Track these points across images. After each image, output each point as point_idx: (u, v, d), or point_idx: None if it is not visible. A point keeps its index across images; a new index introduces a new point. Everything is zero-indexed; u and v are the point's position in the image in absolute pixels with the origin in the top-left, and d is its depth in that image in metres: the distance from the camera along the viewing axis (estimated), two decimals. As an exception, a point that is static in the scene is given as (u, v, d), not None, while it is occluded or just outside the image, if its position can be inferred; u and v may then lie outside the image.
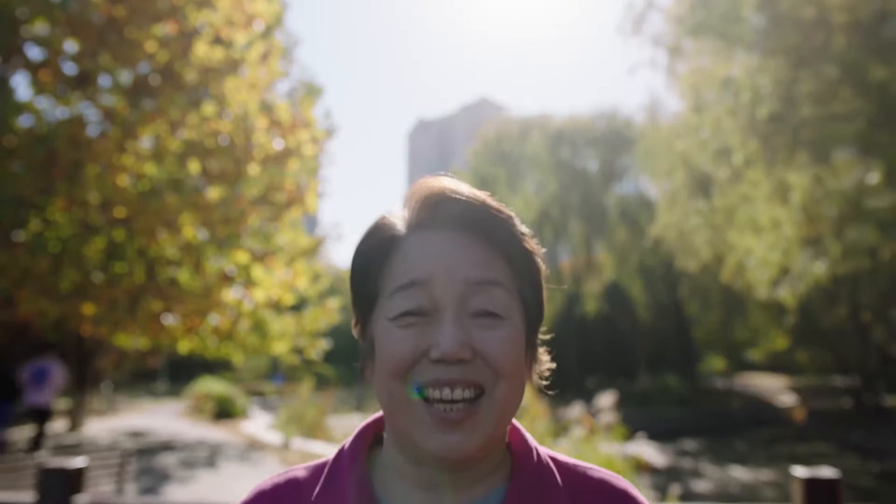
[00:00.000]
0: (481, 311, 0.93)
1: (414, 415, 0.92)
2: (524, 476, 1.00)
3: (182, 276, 14.25)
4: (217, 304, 14.12)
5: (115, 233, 13.46)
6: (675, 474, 15.51)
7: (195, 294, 13.87)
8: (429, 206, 0.97)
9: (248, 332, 15.95)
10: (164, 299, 13.72)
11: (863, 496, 14.26)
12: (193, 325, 14.32)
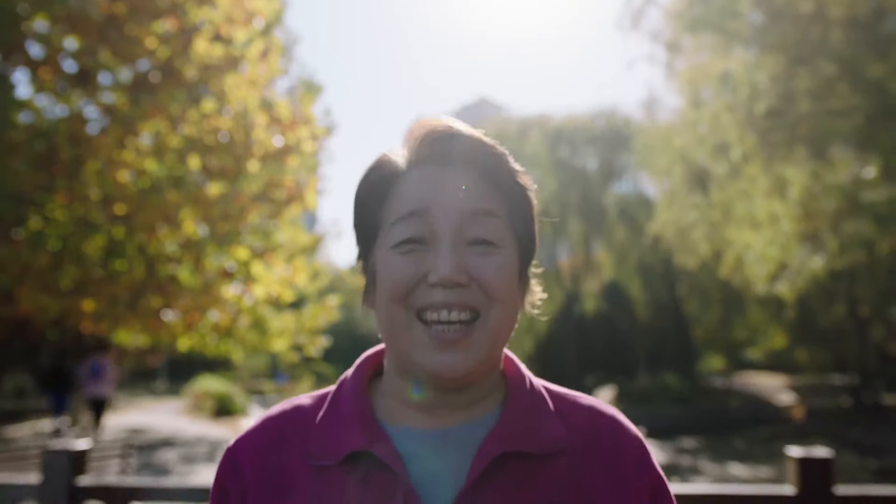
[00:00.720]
0: (477, 240, 0.99)
1: (413, 337, 0.98)
2: (517, 400, 1.05)
3: (182, 274, 14.29)
4: (217, 301, 14.16)
5: (115, 230, 13.50)
6: (674, 471, 15.59)
7: (195, 290, 13.91)
8: (427, 143, 1.02)
9: (247, 328, 15.99)
10: (164, 295, 13.76)
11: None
12: (193, 321, 14.36)
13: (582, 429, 1.05)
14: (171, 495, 3.78)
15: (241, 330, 15.86)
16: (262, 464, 1.04)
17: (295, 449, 1.03)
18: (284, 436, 1.05)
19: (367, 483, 0.98)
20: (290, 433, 1.05)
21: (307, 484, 1.00)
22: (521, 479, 0.98)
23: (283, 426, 1.07)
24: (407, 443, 1.01)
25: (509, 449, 0.98)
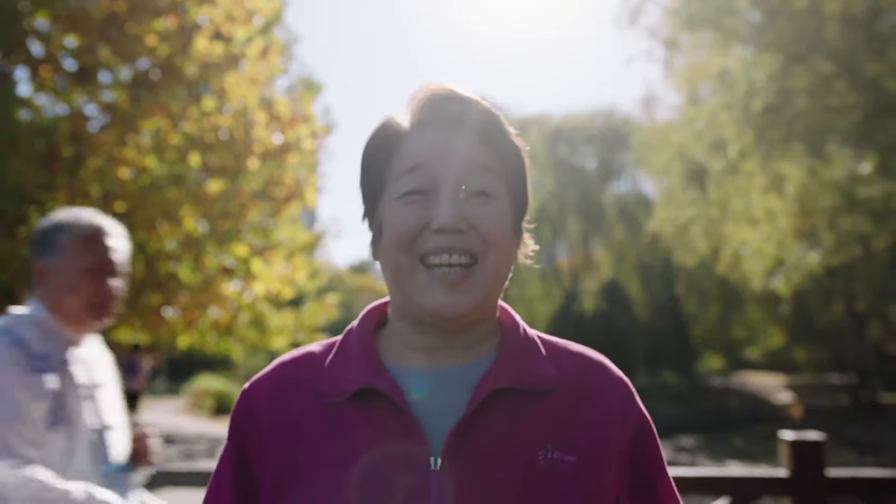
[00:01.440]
0: (475, 191, 1.09)
1: (417, 280, 1.08)
2: (512, 345, 1.15)
3: (182, 271, 14.34)
4: (217, 298, 14.20)
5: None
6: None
7: (195, 288, 13.96)
8: (429, 106, 1.13)
9: (247, 326, 16.04)
10: (164, 293, 13.81)
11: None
12: (194, 318, 14.40)
13: (571, 371, 1.14)
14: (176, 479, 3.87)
15: (241, 327, 15.90)
16: (276, 403, 1.13)
17: (306, 389, 1.13)
18: (297, 377, 1.15)
19: (372, 416, 1.07)
20: (301, 375, 1.15)
21: (318, 420, 1.10)
22: (514, 413, 1.08)
23: (295, 369, 1.16)
24: (409, 380, 1.11)
25: (503, 385, 1.08)
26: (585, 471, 1.07)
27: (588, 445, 1.09)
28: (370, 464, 1.05)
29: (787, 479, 3.57)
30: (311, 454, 1.08)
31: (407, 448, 1.05)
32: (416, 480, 1.04)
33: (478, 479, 1.04)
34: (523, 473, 1.05)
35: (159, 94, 12.41)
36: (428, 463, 1.04)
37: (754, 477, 3.68)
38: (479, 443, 1.06)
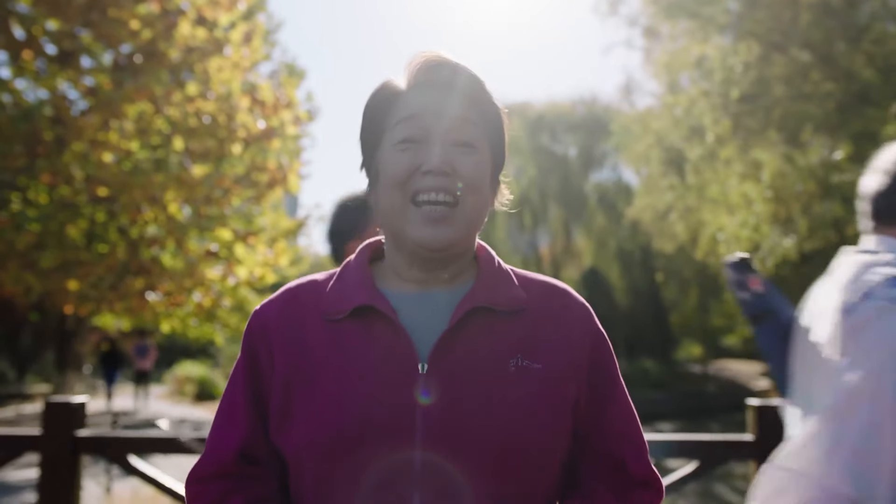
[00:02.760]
0: (459, 142, 1.27)
1: (408, 216, 1.25)
2: (487, 274, 1.34)
3: (164, 257, 14.38)
4: (200, 282, 14.26)
5: (97, 213, 13.56)
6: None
7: (178, 272, 14.00)
8: (423, 69, 1.30)
9: (230, 311, 16.09)
10: (148, 277, 13.84)
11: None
12: (178, 301, 14.45)
13: (538, 295, 1.33)
14: (164, 447, 3.99)
15: (224, 312, 15.96)
16: (284, 320, 1.31)
17: (311, 308, 1.31)
18: (302, 300, 1.33)
19: (369, 330, 1.26)
20: (306, 298, 1.33)
21: (322, 333, 1.28)
22: (489, 329, 1.27)
23: (301, 293, 1.35)
24: (400, 301, 1.29)
25: (480, 304, 1.27)
26: (549, 377, 1.25)
27: (552, 356, 1.27)
28: (368, 368, 1.23)
29: (752, 442, 3.74)
30: (316, 361, 1.25)
31: (398, 355, 1.23)
32: (406, 381, 1.21)
33: (458, 381, 1.21)
34: (497, 377, 1.22)
35: (142, 79, 12.42)
36: (416, 367, 1.22)
37: (721, 441, 3.86)
38: (459, 351, 1.23)
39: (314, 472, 1.22)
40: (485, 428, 1.19)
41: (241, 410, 1.30)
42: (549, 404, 1.24)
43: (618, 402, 1.33)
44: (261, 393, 1.30)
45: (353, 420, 1.19)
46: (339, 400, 1.21)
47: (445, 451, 1.18)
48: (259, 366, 1.30)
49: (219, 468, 1.28)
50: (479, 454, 1.18)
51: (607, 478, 1.30)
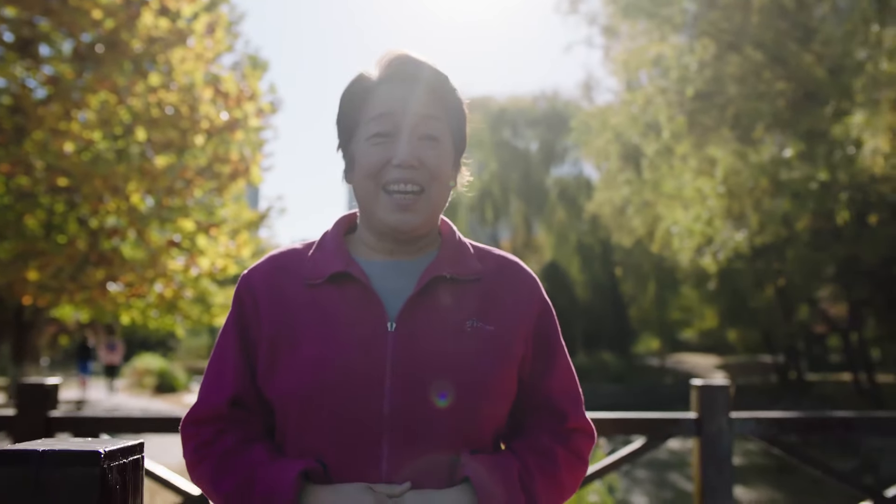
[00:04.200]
0: (425, 136, 1.47)
1: (380, 202, 1.46)
2: (448, 247, 1.54)
3: (125, 248, 14.31)
4: (162, 273, 14.21)
5: (56, 204, 13.47)
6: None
7: (140, 263, 13.95)
8: (393, 66, 1.49)
9: (191, 302, 16.05)
10: (109, 267, 13.77)
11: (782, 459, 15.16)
12: (140, 292, 14.39)
13: (493, 266, 1.54)
14: (136, 426, 4.12)
15: (185, 303, 15.91)
16: (269, 284, 1.50)
17: (293, 274, 1.50)
18: (285, 266, 1.52)
19: (345, 293, 1.46)
20: (289, 264, 1.52)
21: (303, 296, 1.47)
22: (449, 294, 1.47)
23: (284, 260, 1.54)
24: (372, 269, 1.50)
25: (441, 273, 1.47)
26: (500, 337, 1.46)
27: (503, 319, 1.48)
28: (343, 326, 1.42)
29: (695, 420, 3.99)
30: (298, 320, 1.45)
31: (370, 316, 1.43)
32: (377, 338, 1.41)
33: (421, 338, 1.42)
34: (454, 336, 1.43)
35: (104, 69, 12.35)
36: (386, 326, 1.41)
37: (666, 418, 4.10)
38: (423, 313, 1.44)
39: (296, 417, 1.41)
40: (444, 378, 1.39)
41: (232, 362, 1.49)
42: (498, 360, 1.44)
43: (559, 361, 1.54)
44: (249, 347, 1.48)
45: (330, 371, 1.38)
46: (319, 354, 1.40)
47: (410, 398, 1.38)
48: (247, 323, 1.49)
49: (212, 412, 1.47)
50: (440, 400, 1.38)
51: (549, 426, 1.51)
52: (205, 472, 1.44)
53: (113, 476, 1.08)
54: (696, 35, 16.93)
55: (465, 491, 1.36)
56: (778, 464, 14.64)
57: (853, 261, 19.64)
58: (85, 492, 1.05)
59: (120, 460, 1.11)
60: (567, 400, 1.53)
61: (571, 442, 1.51)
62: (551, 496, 1.45)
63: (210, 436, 1.45)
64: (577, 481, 1.51)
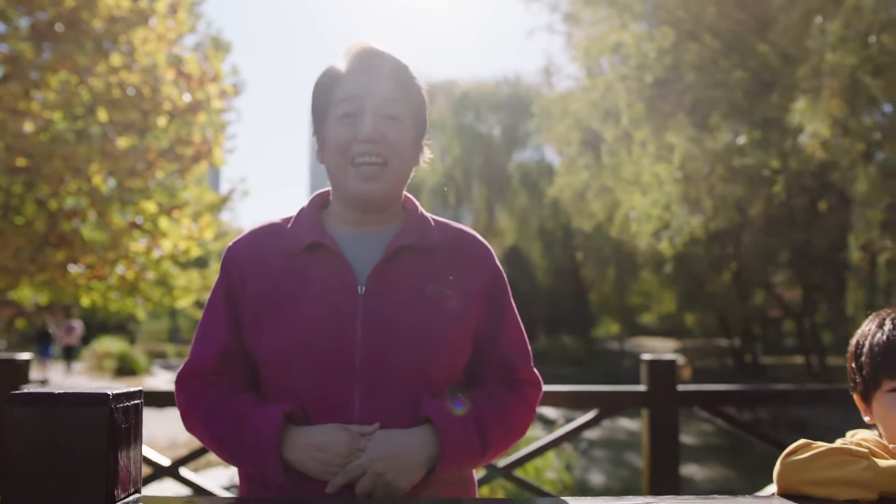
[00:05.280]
0: (388, 115, 1.65)
1: (348, 175, 1.64)
2: (412, 220, 1.74)
3: (84, 230, 14.21)
4: (124, 255, 14.14)
5: (14, 185, 13.33)
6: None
7: (101, 245, 13.86)
8: (358, 57, 1.69)
9: (153, 285, 15.97)
10: (69, 248, 13.68)
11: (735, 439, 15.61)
12: (101, 274, 14.31)
13: (452, 237, 1.74)
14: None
15: (147, 285, 15.83)
16: (253, 253, 1.68)
17: (273, 245, 1.69)
18: (265, 237, 1.71)
19: (320, 261, 1.65)
20: (269, 236, 1.71)
21: (283, 264, 1.66)
22: (413, 262, 1.67)
23: (265, 232, 1.73)
24: (343, 240, 1.68)
25: (406, 243, 1.66)
26: (457, 300, 1.66)
27: (460, 284, 1.67)
28: (319, 290, 1.62)
29: (644, 392, 4.23)
30: (279, 286, 1.63)
31: (343, 280, 1.62)
32: (348, 299, 1.61)
33: (388, 300, 1.61)
34: (417, 298, 1.63)
35: (65, 48, 12.23)
36: (356, 290, 1.61)
37: (617, 391, 4.34)
38: (389, 278, 1.63)
39: (278, 369, 1.61)
40: (407, 335, 1.59)
41: (220, 323, 1.67)
42: (455, 320, 1.64)
43: (509, 321, 1.74)
44: (235, 309, 1.67)
45: (308, 329, 1.58)
46: (298, 314, 1.59)
47: (378, 351, 1.57)
48: (233, 289, 1.67)
49: (202, 367, 1.65)
50: (402, 354, 1.58)
51: (501, 377, 1.71)
52: (198, 419, 1.62)
53: (119, 416, 1.24)
54: (655, 23, 17.22)
55: (426, 429, 1.56)
56: (731, 443, 15.07)
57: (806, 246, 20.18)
58: (95, 429, 1.21)
59: (125, 402, 1.27)
60: (517, 354, 1.73)
61: (521, 391, 1.70)
62: (502, 437, 1.64)
63: (201, 387, 1.64)
64: (526, 425, 1.71)
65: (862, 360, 1.67)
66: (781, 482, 1.46)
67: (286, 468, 1.54)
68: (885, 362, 1.60)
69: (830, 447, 1.44)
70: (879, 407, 1.62)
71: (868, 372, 1.64)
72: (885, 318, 1.68)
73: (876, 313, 1.74)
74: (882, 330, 1.65)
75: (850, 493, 1.37)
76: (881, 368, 1.61)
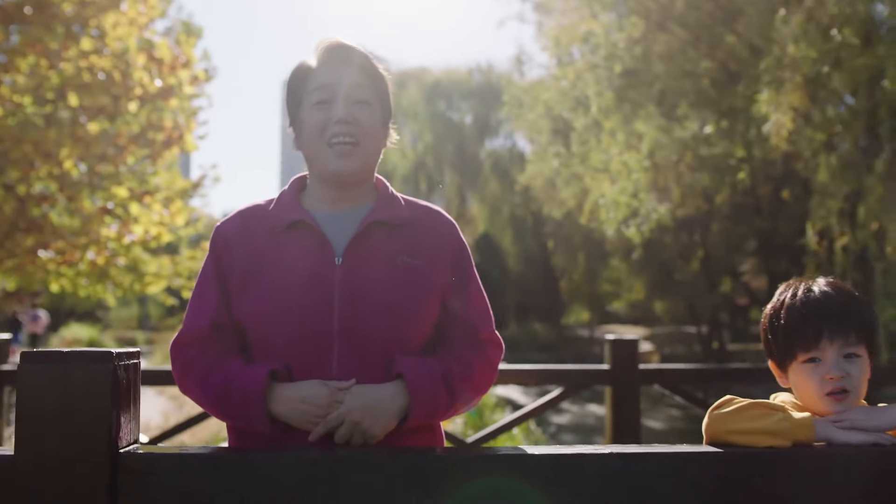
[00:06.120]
0: (358, 100, 1.83)
1: (324, 154, 1.82)
2: (383, 198, 1.91)
3: (53, 216, 14.13)
4: (95, 240, 14.09)
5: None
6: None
7: (72, 230, 13.81)
8: (328, 51, 1.87)
9: (123, 271, 15.91)
10: (39, 233, 13.61)
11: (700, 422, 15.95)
12: (71, 260, 14.25)
13: (419, 214, 1.91)
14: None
15: (117, 271, 15.77)
16: (239, 231, 1.86)
17: (258, 224, 1.86)
18: (251, 217, 1.89)
19: (300, 237, 1.81)
20: (253, 216, 1.89)
21: (267, 241, 1.83)
22: (384, 236, 1.83)
23: (250, 213, 1.90)
24: (321, 217, 1.85)
25: (378, 219, 1.83)
26: (425, 270, 1.83)
27: (427, 255, 1.84)
28: (300, 262, 1.78)
29: (607, 370, 4.41)
30: (264, 260, 1.80)
31: (321, 253, 1.79)
32: (327, 270, 1.77)
33: (362, 270, 1.78)
34: (388, 268, 1.80)
35: (34, 31, 12.14)
36: (334, 261, 1.78)
37: (582, 370, 4.52)
38: (363, 250, 1.80)
39: (264, 333, 1.77)
40: (380, 300, 1.76)
41: (210, 294, 1.83)
42: (422, 287, 1.81)
43: (472, 288, 1.91)
44: (224, 283, 1.83)
45: (290, 296, 1.75)
46: (282, 284, 1.76)
47: (354, 315, 1.75)
48: (222, 265, 1.84)
49: (194, 335, 1.82)
50: (376, 317, 1.75)
51: (466, 338, 1.88)
52: (192, 382, 1.78)
53: (121, 372, 1.38)
54: (625, 13, 17.45)
55: (398, 384, 1.73)
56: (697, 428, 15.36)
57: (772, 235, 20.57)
58: (100, 384, 1.34)
59: (126, 361, 1.41)
60: (479, 318, 1.90)
61: (484, 351, 1.88)
62: (466, 391, 1.81)
63: (194, 353, 1.80)
64: (489, 382, 1.89)
65: (777, 332, 1.77)
66: (709, 432, 1.64)
67: (272, 420, 1.70)
68: (800, 334, 1.71)
69: (751, 402, 1.62)
70: (795, 376, 1.75)
71: (783, 343, 1.75)
72: (797, 289, 1.78)
73: (787, 283, 1.84)
74: (795, 301, 1.75)
75: (768, 441, 1.55)
76: (795, 340, 1.72)
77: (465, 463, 1.48)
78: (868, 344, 1.72)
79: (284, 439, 1.71)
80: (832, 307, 1.71)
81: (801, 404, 1.74)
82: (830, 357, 1.68)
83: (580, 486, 1.43)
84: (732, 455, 1.51)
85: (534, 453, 1.46)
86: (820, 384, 1.69)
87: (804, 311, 1.72)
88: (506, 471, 1.43)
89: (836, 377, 1.67)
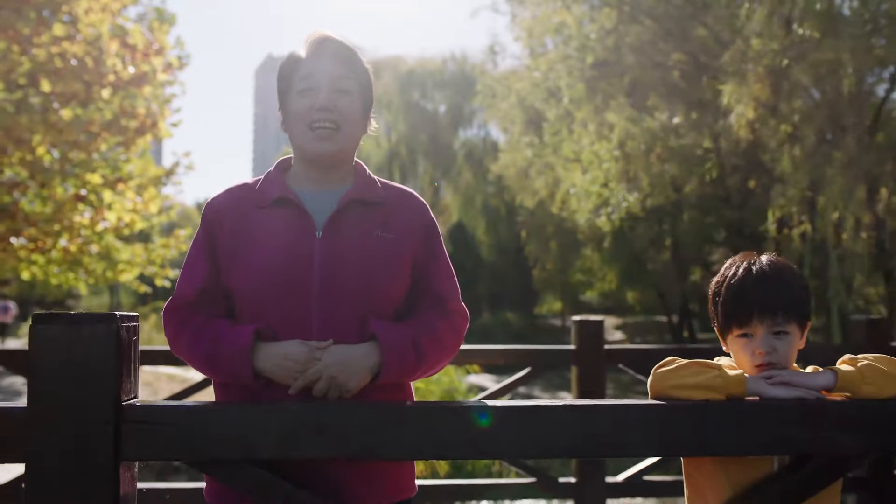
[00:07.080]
0: (339, 89, 2.00)
1: (307, 137, 1.98)
2: (361, 179, 2.08)
3: (25, 203, 14.08)
4: (68, 227, 14.06)
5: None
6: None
7: (44, 217, 13.77)
8: (314, 44, 2.03)
9: (96, 258, 15.88)
10: (11, 220, 13.57)
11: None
12: (44, 246, 14.21)
13: (394, 194, 2.09)
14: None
15: (89, 258, 15.74)
16: (228, 207, 2.02)
17: (246, 200, 2.02)
18: (240, 194, 2.05)
19: (285, 213, 1.98)
20: (242, 193, 2.06)
21: (254, 216, 1.99)
22: (361, 213, 2.01)
23: (238, 190, 2.07)
24: (304, 195, 2.02)
25: (356, 197, 2.01)
26: (398, 243, 2.00)
27: (399, 230, 2.01)
28: (284, 235, 1.95)
29: (574, 350, 4.59)
30: (251, 233, 1.96)
31: (304, 227, 1.95)
32: (308, 242, 1.94)
33: (340, 242, 1.95)
34: (365, 241, 1.97)
35: (4, 16, 12.07)
36: (315, 234, 1.95)
37: (549, 349, 4.70)
38: (342, 225, 1.97)
39: (250, 298, 1.94)
40: (356, 269, 1.93)
41: (201, 262, 2.00)
42: (395, 259, 1.99)
43: (440, 262, 2.09)
44: (213, 253, 1.99)
45: (275, 266, 1.91)
46: (267, 254, 1.93)
47: (332, 283, 1.92)
48: (212, 236, 2.00)
49: (185, 299, 1.98)
50: (352, 284, 1.92)
51: (435, 307, 2.06)
52: (183, 342, 1.95)
53: (123, 332, 1.53)
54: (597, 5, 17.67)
55: (372, 344, 1.90)
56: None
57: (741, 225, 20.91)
58: (105, 343, 1.50)
59: (127, 322, 1.56)
60: (447, 289, 2.09)
61: (451, 319, 2.06)
62: (434, 353, 1.99)
63: (185, 317, 1.97)
64: (455, 347, 2.06)
65: (718, 305, 1.98)
66: (653, 388, 1.83)
67: (257, 375, 1.87)
68: (735, 311, 1.92)
69: (690, 361, 1.82)
70: (732, 346, 1.98)
71: (721, 318, 1.97)
72: (739, 266, 1.98)
73: (732, 259, 2.04)
74: (735, 277, 1.95)
75: (705, 395, 1.76)
76: (731, 316, 1.93)
77: (435, 413, 1.66)
78: (798, 321, 1.92)
79: (266, 393, 1.88)
80: (765, 288, 1.90)
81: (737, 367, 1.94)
82: (760, 334, 1.89)
83: (540, 431, 1.61)
84: (672, 407, 1.69)
85: (498, 405, 1.64)
86: (751, 357, 1.91)
87: (740, 292, 1.92)
88: (474, 420, 1.60)
89: (764, 352, 1.88)
